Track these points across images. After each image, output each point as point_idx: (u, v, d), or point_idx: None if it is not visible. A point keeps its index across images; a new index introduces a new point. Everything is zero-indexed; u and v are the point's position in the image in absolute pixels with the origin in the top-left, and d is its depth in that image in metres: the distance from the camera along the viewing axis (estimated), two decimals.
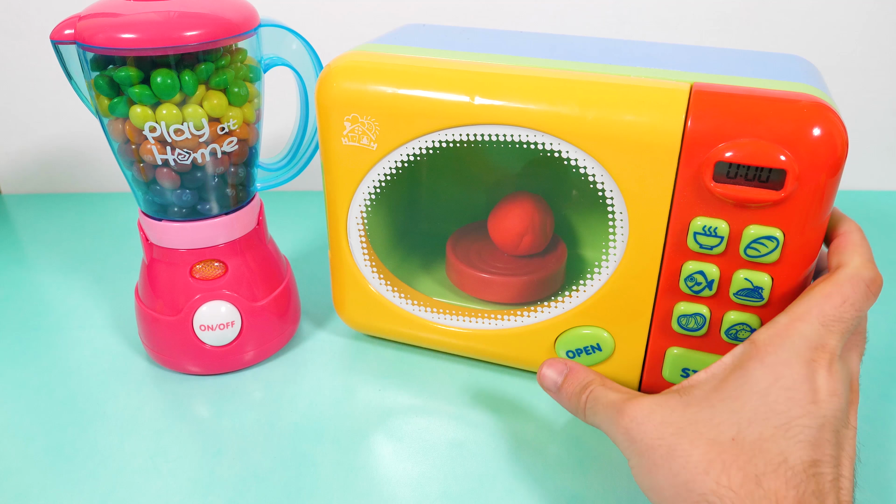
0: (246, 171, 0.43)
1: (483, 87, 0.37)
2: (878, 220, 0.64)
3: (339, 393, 0.44)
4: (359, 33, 0.63)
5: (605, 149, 0.35)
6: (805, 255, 0.34)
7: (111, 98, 0.38)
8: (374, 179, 0.40)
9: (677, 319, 0.38)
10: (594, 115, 0.35)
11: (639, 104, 0.34)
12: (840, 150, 0.32)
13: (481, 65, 0.38)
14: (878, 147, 0.69)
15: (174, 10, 0.36)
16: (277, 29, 0.42)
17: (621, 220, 0.37)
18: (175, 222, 0.41)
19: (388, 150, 0.39)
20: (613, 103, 0.35)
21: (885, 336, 0.49)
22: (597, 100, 0.35)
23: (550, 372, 0.36)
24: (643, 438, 0.30)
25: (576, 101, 0.35)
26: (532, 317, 0.42)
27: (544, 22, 0.64)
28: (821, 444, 0.28)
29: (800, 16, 0.63)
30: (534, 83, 0.36)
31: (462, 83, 0.37)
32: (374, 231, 0.45)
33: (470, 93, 0.37)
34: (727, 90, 0.33)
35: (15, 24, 0.64)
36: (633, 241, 0.37)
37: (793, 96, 0.33)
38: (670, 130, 0.34)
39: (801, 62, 0.40)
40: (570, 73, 0.37)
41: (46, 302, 0.53)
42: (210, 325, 0.43)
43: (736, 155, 0.32)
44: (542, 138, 0.36)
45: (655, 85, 0.35)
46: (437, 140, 0.38)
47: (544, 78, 0.37)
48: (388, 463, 0.39)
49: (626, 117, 0.34)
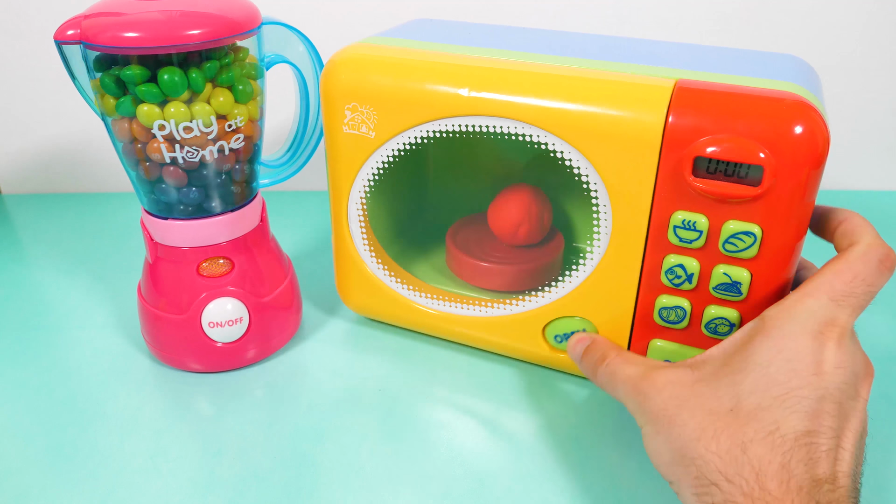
0: (250, 168, 0.44)
1: (473, 79, 0.38)
2: (878, 220, 0.64)
3: (339, 392, 0.44)
4: (359, 32, 0.63)
5: (590, 142, 0.36)
6: (784, 251, 0.34)
7: (117, 97, 0.38)
8: (373, 167, 0.42)
9: (659, 312, 0.38)
10: (579, 109, 0.36)
11: (623, 99, 0.35)
12: (820, 148, 0.32)
13: (473, 59, 0.39)
14: (878, 147, 0.70)
15: (178, 8, 0.36)
16: (278, 27, 0.42)
17: (605, 212, 0.38)
18: (180, 220, 0.42)
19: (386, 138, 0.41)
20: (598, 98, 0.36)
21: (885, 336, 0.49)
22: (582, 94, 0.36)
23: (575, 342, 0.40)
24: (651, 409, 0.32)
25: (562, 95, 0.36)
26: (520, 305, 0.43)
27: (545, 22, 0.64)
28: (819, 415, 0.28)
29: (800, 16, 0.63)
30: (522, 77, 0.38)
31: (453, 76, 0.39)
32: (378, 220, 0.47)
33: (461, 85, 0.38)
34: (709, 87, 0.34)
35: (15, 24, 0.64)
36: (616, 233, 0.38)
37: (775, 94, 0.33)
38: (652, 125, 0.34)
39: (796, 62, 0.40)
40: (558, 68, 0.38)
41: (47, 302, 0.53)
42: (219, 322, 0.43)
43: (715, 151, 0.33)
44: (529, 130, 0.37)
45: (640, 81, 0.36)
46: (430, 130, 0.39)
47: (532, 72, 0.38)
48: (389, 463, 0.39)
49: (611, 112, 0.35)
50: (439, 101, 0.39)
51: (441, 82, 0.39)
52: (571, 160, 0.37)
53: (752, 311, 0.36)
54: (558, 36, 0.45)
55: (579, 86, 0.36)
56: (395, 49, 0.41)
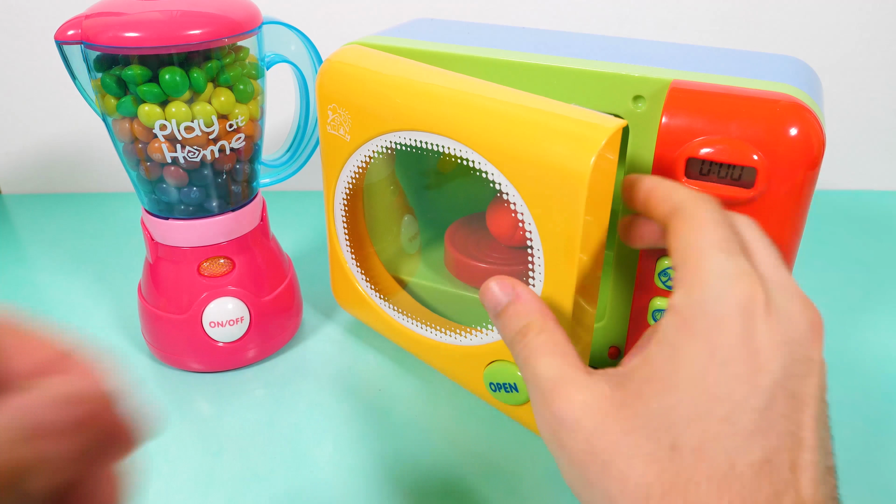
0: (251, 168, 0.44)
1: (424, 97, 0.36)
2: (878, 220, 0.64)
3: (339, 392, 0.44)
4: (359, 32, 0.63)
5: (529, 185, 0.33)
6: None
7: (118, 97, 0.38)
8: (351, 170, 0.41)
9: (652, 314, 0.39)
10: (512, 144, 0.33)
11: (560, 138, 0.32)
12: (815, 150, 0.32)
13: (433, 74, 0.37)
14: (878, 147, 0.70)
15: (178, 8, 0.36)
16: (278, 26, 0.43)
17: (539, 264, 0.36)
18: (181, 220, 0.42)
19: (358, 143, 0.40)
20: (531, 136, 0.33)
21: (886, 336, 0.49)
22: (517, 130, 0.34)
23: (497, 289, 0.31)
24: (573, 446, 0.25)
25: (498, 129, 0.34)
26: (467, 338, 0.40)
27: (545, 22, 0.64)
28: (771, 426, 0.23)
29: (800, 16, 0.63)
30: (468, 103, 0.35)
31: (408, 92, 0.37)
32: (377, 217, 0.47)
33: (414, 101, 0.36)
34: (703, 88, 0.34)
35: (15, 24, 0.64)
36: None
37: (769, 95, 0.33)
38: (581, 165, 0.32)
39: (795, 63, 0.40)
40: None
41: (46, 302, 0.53)
42: (219, 322, 0.43)
43: (708, 152, 0.33)
44: (472, 156, 0.34)
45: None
46: (390, 141, 0.38)
47: (482, 101, 0.35)
48: (389, 463, 0.39)
49: (547, 149, 0.32)
50: (392, 115, 0.37)
51: (397, 96, 0.37)
52: (509, 189, 0.34)
53: None
54: (553, 36, 0.45)
55: (516, 120, 0.33)
56: (374, 55, 0.40)
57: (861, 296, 0.53)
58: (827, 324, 0.27)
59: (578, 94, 0.37)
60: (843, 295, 0.53)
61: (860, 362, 0.46)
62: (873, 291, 0.53)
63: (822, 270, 0.56)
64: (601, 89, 0.36)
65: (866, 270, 0.56)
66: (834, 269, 0.56)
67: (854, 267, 0.57)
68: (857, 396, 0.43)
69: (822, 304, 0.52)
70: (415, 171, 0.54)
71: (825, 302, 0.52)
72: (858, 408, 0.42)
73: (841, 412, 0.42)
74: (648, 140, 0.35)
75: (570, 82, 0.37)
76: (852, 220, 0.64)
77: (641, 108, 0.36)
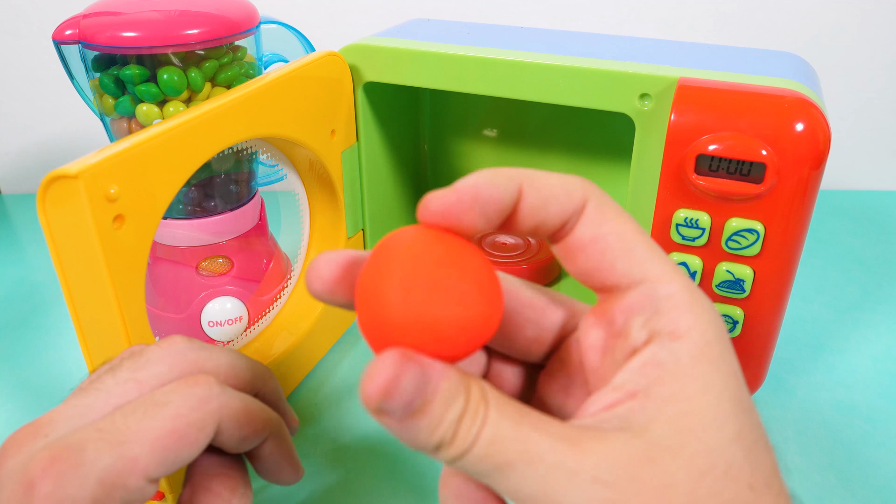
0: (249, 167, 0.44)
1: None
2: (878, 220, 0.64)
3: (339, 392, 0.44)
4: (358, 32, 0.63)
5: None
6: (786, 248, 0.34)
7: (116, 97, 0.38)
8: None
9: None
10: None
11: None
12: (822, 145, 0.32)
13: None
14: (878, 147, 0.69)
15: (176, 8, 0.37)
16: (276, 26, 0.43)
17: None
18: (180, 220, 0.42)
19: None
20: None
21: (885, 336, 0.49)
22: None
23: (385, 381, 0.17)
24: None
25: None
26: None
27: (545, 22, 0.64)
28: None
29: (800, 15, 0.63)
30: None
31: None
32: (382, 210, 0.47)
33: None
34: (711, 85, 0.34)
35: (15, 24, 0.64)
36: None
37: (776, 92, 0.33)
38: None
39: (796, 60, 0.40)
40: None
41: (46, 301, 0.53)
42: (218, 321, 0.43)
43: (717, 148, 0.33)
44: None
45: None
46: None
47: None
48: (389, 463, 0.39)
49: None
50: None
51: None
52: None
53: (755, 308, 0.36)
54: (556, 35, 0.45)
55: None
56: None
57: (860, 295, 0.53)
58: (827, 323, 0.27)
59: (584, 93, 0.37)
60: (842, 294, 0.53)
61: (860, 362, 0.46)
62: (873, 291, 0.53)
63: (821, 269, 0.56)
64: (607, 88, 0.36)
65: (866, 270, 0.56)
66: (834, 269, 0.56)
67: (854, 266, 0.56)
68: (857, 396, 0.43)
69: (821, 303, 0.52)
70: (413, 159, 0.54)
71: (825, 301, 0.52)
72: (858, 408, 0.42)
73: (840, 412, 0.42)
74: (656, 138, 0.35)
75: (575, 81, 0.37)
76: (852, 219, 0.64)
77: (648, 106, 0.36)
